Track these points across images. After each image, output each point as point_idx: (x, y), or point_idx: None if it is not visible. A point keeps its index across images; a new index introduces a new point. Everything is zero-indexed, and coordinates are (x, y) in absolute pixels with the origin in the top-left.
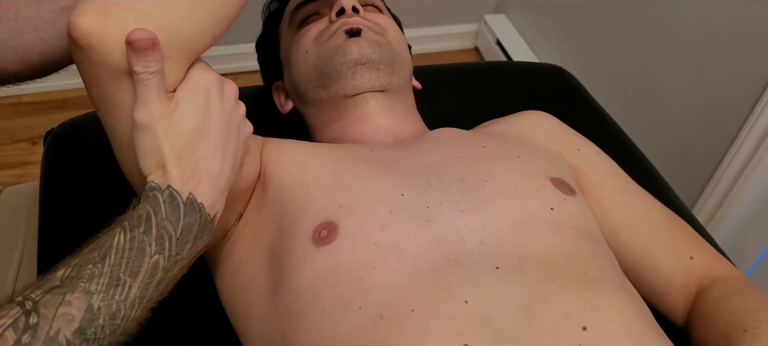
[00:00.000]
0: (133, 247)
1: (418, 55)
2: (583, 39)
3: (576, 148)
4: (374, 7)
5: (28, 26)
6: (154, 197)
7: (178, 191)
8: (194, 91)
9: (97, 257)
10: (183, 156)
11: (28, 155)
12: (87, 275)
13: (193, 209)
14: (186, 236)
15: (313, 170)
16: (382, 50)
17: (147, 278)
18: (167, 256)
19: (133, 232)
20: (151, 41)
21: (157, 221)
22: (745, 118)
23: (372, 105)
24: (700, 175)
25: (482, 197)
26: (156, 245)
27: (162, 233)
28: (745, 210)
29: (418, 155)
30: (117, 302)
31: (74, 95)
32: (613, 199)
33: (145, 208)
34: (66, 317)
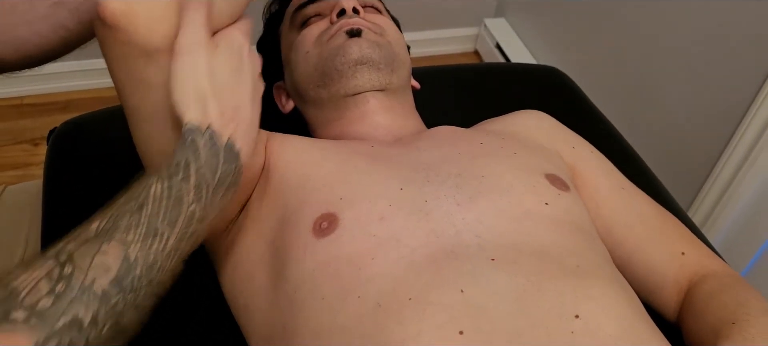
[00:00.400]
0: (170, 196)
1: (419, 58)
2: (581, 42)
3: (571, 146)
4: (374, 9)
5: (23, 21)
6: (193, 142)
7: (218, 134)
8: (232, 41)
9: (134, 207)
10: (222, 96)
11: (30, 156)
12: (123, 226)
13: (232, 155)
14: (222, 185)
15: (314, 164)
16: (382, 50)
17: (183, 228)
18: (203, 206)
19: (171, 180)
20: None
21: (196, 167)
22: (740, 119)
23: (372, 104)
24: (696, 177)
25: (479, 192)
26: (194, 194)
27: (200, 181)
28: (740, 212)
29: (417, 152)
30: (154, 252)
31: (76, 97)
32: (608, 196)
33: (183, 154)
34: (102, 267)
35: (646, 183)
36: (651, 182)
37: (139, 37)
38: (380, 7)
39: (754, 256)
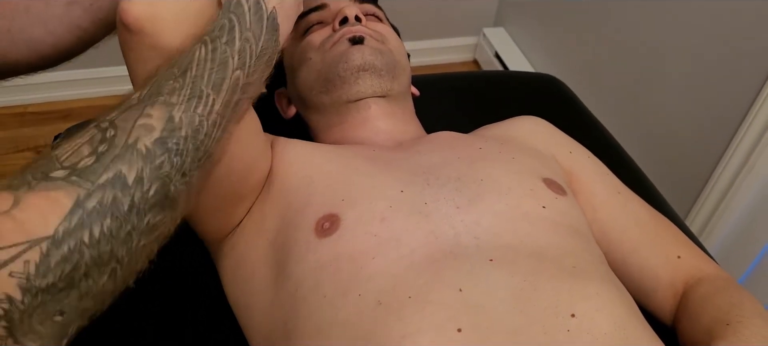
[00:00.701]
0: (215, 59)
1: (419, 67)
2: (579, 51)
3: (568, 151)
4: (375, 17)
5: (39, 20)
6: (239, 3)
7: (265, 1)
8: None
9: (177, 73)
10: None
11: None
12: (167, 89)
13: (274, 27)
14: (263, 56)
15: (317, 167)
16: (384, 57)
17: (229, 94)
18: (247, 73)
19: (216, 42)
20: None
21: (241, 29)
22: (737, 126)
23: (373, 110)
24: (694, 184)
25: (477, 195)
26: (238, 59)
27: (244, 46)
28: (738, 219)
29: (417, 156)
30: (199, 116)
31: (78, 106)
32: (604, 199)
33: (228, 16)
34: (145, 127)
35: (642, 190)
36: (647, 188)
37: (162, 40)
38: (381, 16)
39: (753, 262)
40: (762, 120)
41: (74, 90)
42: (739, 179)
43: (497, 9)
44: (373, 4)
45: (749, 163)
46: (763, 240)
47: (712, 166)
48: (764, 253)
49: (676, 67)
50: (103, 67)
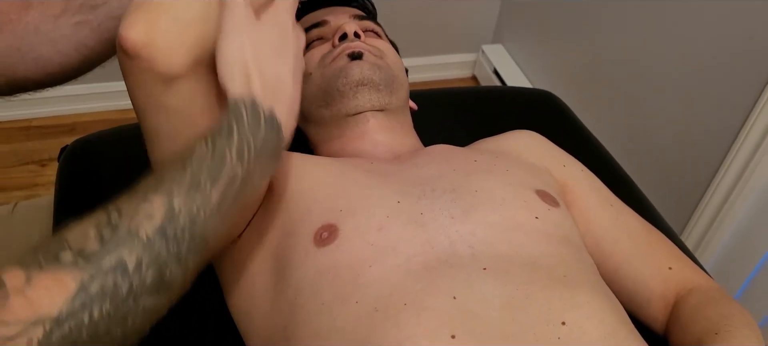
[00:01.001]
0: (214, 154)
1: (419, 83)
2: (575, 67)
3: (562, 165)
4: (374, 33)
5: (47, 39)
6: (237, 107)
7: (260, 104)
8: (275, 19)
9: (179, 165)
10: (265, 71)
11: (36, 177)
12: (169, 180)
13: (273, 125)
14: (263, 152)
15: (316, 179)
16: (382, 72)
17: (225, 187)
18: (245, 167)
19: (216, 141)
20: None
21: (239, 130)
22: (732, 140)
23: (372, 123)
24: (689, 199)
25: (472, 206)
26: (236, 154)
27: (242, 143)
28: (734, 233)
29: (414, 168)
30: (197, 206)
31: (82, 120)
32: (597, 212)
33: (227, 118)
34: (147, 215)
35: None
36: (641, 202)
37: (158, 66)
38: (380, 32)
39: (750, 274)
40: (757, 133)
41: (79, 105)
42: (735, 193)
43: (495, 26)
44: (371, 21)
45: (745, 176)
46: (760, 252)
47: (708, 180)
48: (762, 265)
49: (670, 82)
50: (107, 82)
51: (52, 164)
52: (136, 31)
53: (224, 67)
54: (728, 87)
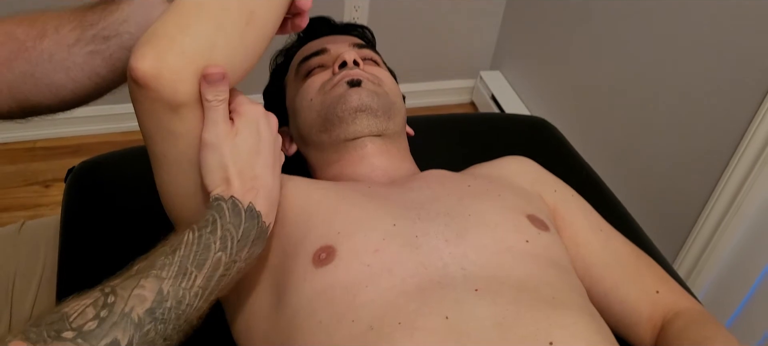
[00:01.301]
0: (200, 243)
1: (418, 108)
2: (571, 95)
3: (553, 190)
4: (372, 61)
5: (61, 67)
6: (219, 205)
7: (241, 200)
8: (249, 120)
9: (168, 251)
10: (243, 172)
11: (40, 198)
12: (159, 265)
13: (253, 216)
14: (245, 239)
15: (315, 202)
16: (380, 99)
17: (210, 272)
18: (228, 254)
19: (201, 231)
20: (221, 75)
21: (222, 223)
22: (723, 168)
23: (369, 148)
24: (681, 226)
25: (465, 229)
26: (220, 243)
27: (225, 234)
28: (726, 259)
29: (410, 192)
30: (183, 289)
31: (87, 142)
32: (587, 236)
33: (211, 213)
34: (139, 298)
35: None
36: (632, 228)
37: (165, 95)
38: (378, 60)
39: (743, 299)
40: (749, 158)
41: (84, 126)
42: (727, 218)
43: (494, 53)
44: (370, 50)
45: (736, 202)
46: (752, 278)
47: (701, 206)
48: (754, 291)
49: (663, 110)
50: (111, 104)
51: (56, 185)
52: (146, 62)
53: (206, 176)
54: (719, 115)
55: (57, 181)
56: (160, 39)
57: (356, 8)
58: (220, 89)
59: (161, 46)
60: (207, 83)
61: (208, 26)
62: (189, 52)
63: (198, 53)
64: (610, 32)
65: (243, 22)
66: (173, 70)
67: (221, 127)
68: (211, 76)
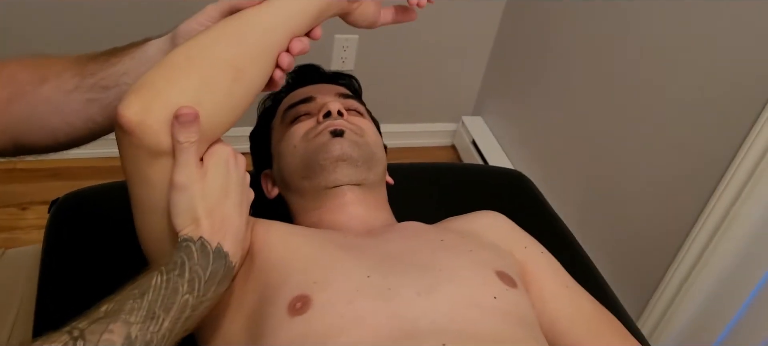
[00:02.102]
0: (168, 286)
1: (400, 149)
2: (549, 145)
3: (523, 246)
4: (356, 112)
5: (58, 112)
6: (188, 246)
7: (209, 241)
8: (218, 161)
9: (137, 294)
10: (212, 213)
11: (16, 220)
12: (127, 309)
13: (220, 256)
14: (212, 280)
15: (293, 249)
16: (361, 149)
17: (177, 314)
18: (196, 296)
19: (169, 274)
20: (194, 115)
21: (190, 265)
22: (688, 230)
23: (349, 197)
24: (648, 283)
25: (437, 283)
26: (187, 286)
27: (193, 276)
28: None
29: (385, 243)
30: (151, 332)
31: (66, 165)
32: (554, 292)
33: (179, 255)
34: (108, 343)
35: (595, 286)
36: (600, 285)
37: (147, 143)
38: (362, 111)
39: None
40: (712, 224)
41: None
42: (692, 277)
43: (476, 99)
44: (355, 100)
45: (701, 262)
46: (715, 335)
47: (667, 265)
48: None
49: (642, 165)
50: None
51: (34, 208)
52: (132, 111)
53: (175, 217)
54: (688, 175)
55: (34, 204)
56: (148, 90)
57: (344, 49)
58: (191, 130)
59: (148, 96)
60: (179, 124)
61: (194, 81)
62: (174, 105)
63: (182, 106)
64: (592, 83)
65: (230, 78)
66: (157, 121)
67: (192, 169)
68: (183, 117)
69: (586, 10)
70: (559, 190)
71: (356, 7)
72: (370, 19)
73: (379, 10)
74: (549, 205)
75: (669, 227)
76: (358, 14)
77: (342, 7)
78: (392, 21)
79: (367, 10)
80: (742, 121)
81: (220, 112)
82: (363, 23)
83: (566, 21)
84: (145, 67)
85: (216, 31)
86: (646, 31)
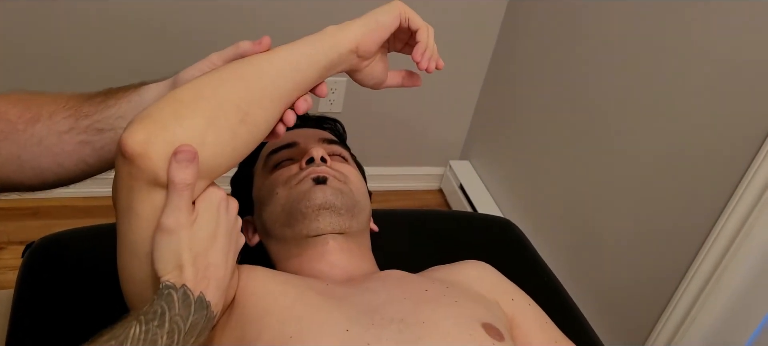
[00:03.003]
0: (146, 339)
1: (387, 192)
2: (536, 192)
3: (510, 298)
4: (341, 158)
5: (49, 153)
6: (169, 294)
7: (192, 290)
8: (209, 205)
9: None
10: (197, 260)
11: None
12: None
13: (202, 306)
14: (193, 331)
15: (272, 299)
16: (344, 197)
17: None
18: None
19: (149, 325)
20: (193, 154)
21: (171, 315)
22: (677, 284)
23: (331, 245)
24: (638, 335)
25: (419, 338)
26: (167, 338)
27: (173, 327)
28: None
29: (366, 293)
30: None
31: (46, 205)
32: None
33: (160, 304)
34: None
35: (583, 338)
36: (589, 337)
37: (147, 175)
38: (347, 156)
39: None
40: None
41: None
42: (683, 328)
43: (464, 143)
44: (340, 146)
45: (690, 317)
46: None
47: (656, 318)
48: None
49: (629, 213)
50: None
51: (10, 248)
52: (136, 140)
53: (158, 261)
54: (678, 225)
55: (12, 244)
56: (154, 122)
57: (333, 91)
58: (188, 171)
59: (153, 128)
60: (176, 162)
61: (201, 120)
62: (178, 140)
63: (187, 142)
64: (581, 128)
65: (237, 120)
66: (160, 156)
67: (182, 214)
68: (181, 155)
69: (575, 55)
70: (547, 236)
71: (366, 65)
72: (378, 78)
73: (387, 72)
74: (537, 253)
75: (660, 276)
76: (366, 72)
77: (351, 64)
78: (398, 85)
79: (376, 69)
80: (733, 170)
81: (222, 153)
82: (370, 82)
83: (555, 66)
84: (141, 109)
85: (226, 72)
86: (635, 78)
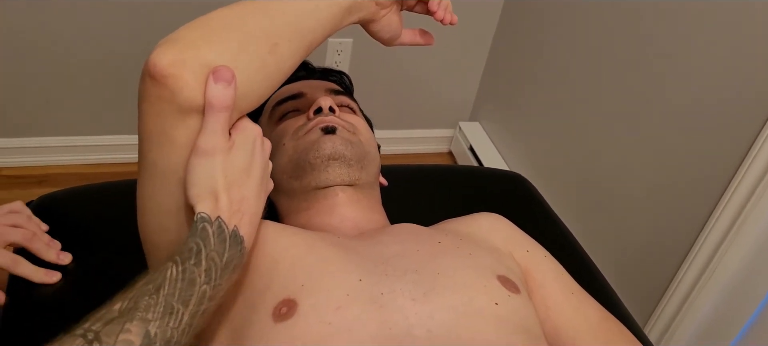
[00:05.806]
0: (184, 278)
1: (396, 155)
2: (548, 150)
3: (525, 250)
4: (349, 108)
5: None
6: (204, 229)
7: (226, 223)
8: (246, 137)
9: (152, 289)
10: (232, 190)
11: None
12: (143, 306)
13: (237, 241)
14: (228, 268)
15: (282, 249)
16: (354, 148)
17: (196, 306)
18: (213, 286)
19: (185, 264)
20: (232, 75)
21: (207, 252)
22: (697, 234)
23: (340, 197)
24: (655, 289)
25: (433, 289)
26: (205, 276)
27: (210, 264)
28: (698, 324)
29: (379, 246)
30: (171, 328)
31: (53, 172)
32: (557, 299)
33: (195, 240)
34: (126, 343)
35: (599, 290)
36: (604, 290)
37: (179, 97)
38: (355, 108)
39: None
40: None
41: (50, 156)
42: (701, 282)
43: (473, 104)
44: (347, 97)
45: (710, 268)
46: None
47: (675, 270)
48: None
49: (641, 167)
50: (78, 135)
51: None
52: (166, 59)
53: (193, 188)
54: (694, 181)
55: None
56: (185, 43)
57: (339, 52)
58: (227, 93)
59: (184, 49)
60: (215, 82)
61: (232, 45)
62: (211, 63)
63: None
64: (592, 86)
65: (266, 50)
66: (193, 75)
67: (219, 137)
68: (221, 75)
69: (584, 14)
70: (559, 195)
71: (383, 14)
72: (394, 31)
73: (402, 26)
74: (550, 207)
75: (676, 231)
76: (383, 23)
77: (370, 10)
78: (411, 42)
79: (393, 21)
80: (750, 125)
81: (253, 82)
82: (386, 35)
83: (564, 24)
84: None
85: (249, 5)
86: (649, 33)
